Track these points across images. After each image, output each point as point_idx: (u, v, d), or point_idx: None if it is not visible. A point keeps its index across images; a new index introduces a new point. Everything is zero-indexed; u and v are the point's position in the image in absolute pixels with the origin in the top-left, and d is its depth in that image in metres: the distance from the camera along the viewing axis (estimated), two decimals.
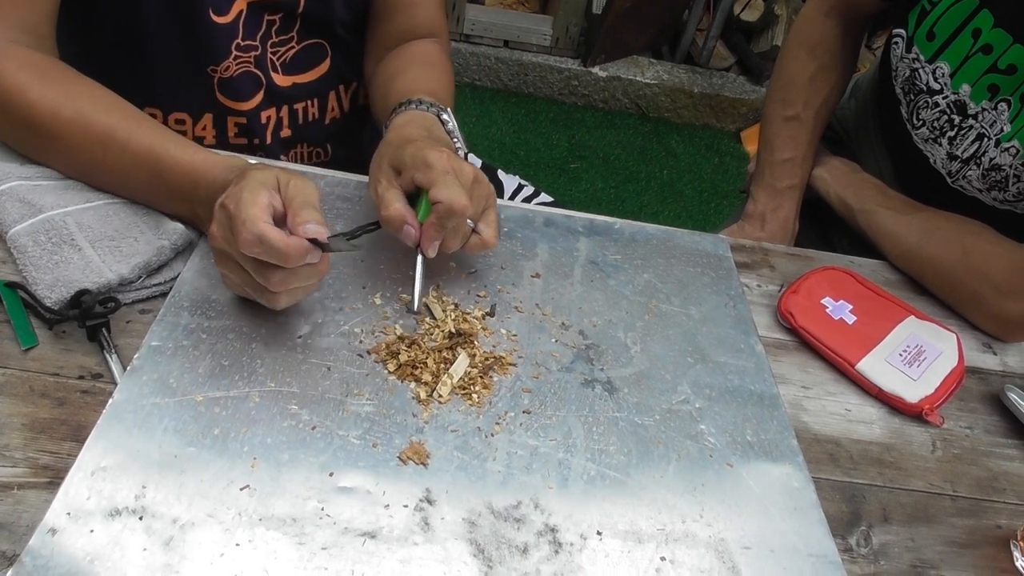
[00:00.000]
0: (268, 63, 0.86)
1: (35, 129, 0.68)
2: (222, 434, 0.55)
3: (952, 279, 0.84)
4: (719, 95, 2.73)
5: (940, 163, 0.92)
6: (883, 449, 0.68)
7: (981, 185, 0.88)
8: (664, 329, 0.72)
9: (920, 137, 0.93)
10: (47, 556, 0.47)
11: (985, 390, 0.76)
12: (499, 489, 0.56)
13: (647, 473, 0.59)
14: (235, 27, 0.82)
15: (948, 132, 0.89)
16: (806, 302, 0.78)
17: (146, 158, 0.66)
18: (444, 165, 0.64)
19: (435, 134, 0.74)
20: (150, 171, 0.66)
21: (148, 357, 0.59)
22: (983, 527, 0.64)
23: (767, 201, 1.01)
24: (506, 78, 2.71)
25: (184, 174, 0.65)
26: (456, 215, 0.63)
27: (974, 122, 0.86)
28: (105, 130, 0.67)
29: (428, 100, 0.77)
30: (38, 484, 0.52)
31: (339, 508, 0.53)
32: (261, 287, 0.58)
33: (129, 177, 0.68)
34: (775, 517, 0.58)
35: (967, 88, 0.85)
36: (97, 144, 0.67)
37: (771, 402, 0.67)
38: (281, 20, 0.85)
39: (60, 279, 0.62)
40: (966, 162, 0.88)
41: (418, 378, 0.62)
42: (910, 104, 0.93)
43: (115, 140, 0.66)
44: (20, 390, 0.58)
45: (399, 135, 0.72)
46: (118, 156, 0.67)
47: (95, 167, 0.69)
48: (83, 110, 0.67)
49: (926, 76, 0.89)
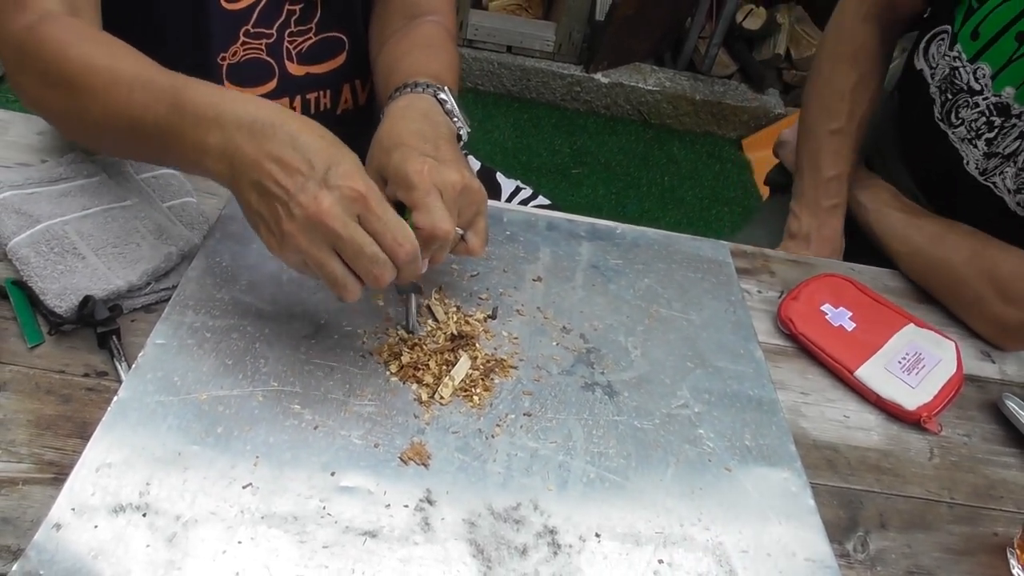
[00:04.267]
0: (284, 52, 0.87)
1: (69, 83, 0.65)
2: (225, 432, 0.56)
3: (956, 280, 0.84)
4: (721, 102, 2.74)
5: (974, 163, 0.90)
6: (881, 456, 0.69)
7: (1012, 185, 0.88)
8: (664, 334, 0.73)
9: (957, 136, 0.91)
10: (52, 551, 0.47)
11: (983, 398, 0.77)
12: (499, 490, 0.56)
13: (646, 476, 0.60)
14: (247, 14, 0.83)
15: (986, 134, 0.87)
16: (806, 308, 0.79)
17: (165, 94, 0.61)
18: (425, 184, 0.60)
19: (432, 119, 0.70)
20: (170, 105, 0.61)
21: (153, 355, 0.60)
22: (980, 534, 0.64)
23: (811, 220, 0.99)
24: (509, 83, 2.72)
25: (202, 106, 0.60)
26: (439, 240, 0.60)
27: (1017, 121, 0.84)
28: (133, 73, 0.63)
29: (424, 81, 0.74)
30: (43, 480, 0.53)
31: (340, 507, 0.53)
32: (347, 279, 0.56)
33: (148, 112, 0.62)
34: (772, 522, 0.58)
35: (1010, 91, 0.84)
36: (124, 85, 0.63)
37: (770, 407, 0.68)
38: (302, 10, 0.85)
39: (68, 287, 0.62)
40: (1007, 158, 0.86)
41: (420, 380, 0.63)
42: (946, 104, 0.91)
43: (139, 80, 0.63)
44: (26, 387, 0.58)
45: (390, 132, 0.68)
46: (141, 94, 0.62)
47: (120, 109, 0.64)
48: (116, 59, 0.65)
49: (967, 76, 0.87)
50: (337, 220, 0.53)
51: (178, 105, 0.60)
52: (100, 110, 0.65)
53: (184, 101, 0.59)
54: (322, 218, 0.52)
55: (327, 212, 0.52)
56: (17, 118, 0.82)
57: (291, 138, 0.55)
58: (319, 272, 0.55)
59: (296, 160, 0.54)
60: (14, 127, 0.81)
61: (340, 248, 0.54)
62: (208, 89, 0.60)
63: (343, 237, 0.53)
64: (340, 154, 0.55)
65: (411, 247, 0.55)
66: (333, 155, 0.55)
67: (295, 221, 0.53)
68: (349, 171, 0.54)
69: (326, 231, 0.53)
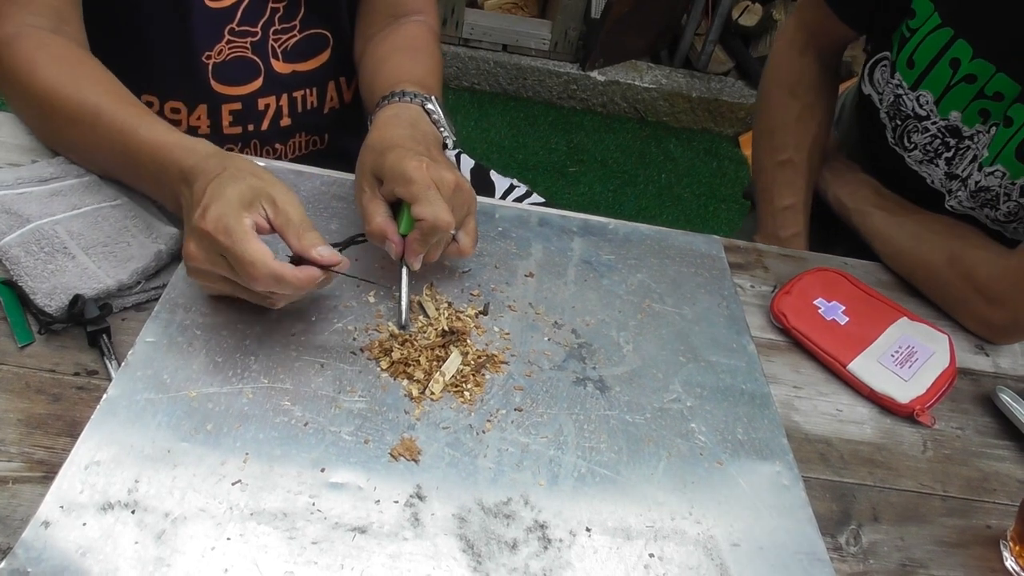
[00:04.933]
0: (269, 50, 0.87)
1: (38, 105, 0.71)
2: (215, 429, 0.56)
3: (940, 282, 0.84)
4: (717, 99, 2.74)
5: (938, 182, 0.91)
6: (874, 449, 0.69)
7: (972, 204, 0.89)
8: (657, 328, 0.73)
9: (914, 159, 0.93)
10: (40, 548, 0.47)
11: (977, 391, 0.77)
12: (489, 486, 0.56)
13: (637, 471, 0.60)
14: (231, 12, 0.83)
15: (944, 153, 0.88)
16: (799, 303, 0.79)
17: (119, 136, 0.67)
18: (424, 178, 0.63)
19: (420, 129, 0.73)
20: (123, 149, 0.67)
21: (142, 353, 0.60)
22: (973, 527, 0.64)
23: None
24: (505, 82, 2.72)
25: (149, 155, 0.66)
26: (440, 232, 0.63)
27: (970, 143, 0.86)
28: (94, 108, 0.68)
29: (412, 91, 0.76)
30: (33, 478, 0.53)
31: (330, 503, 0.53)
32: (258, 297, 0.60)
33: (108, 154, 0.69)
34: (764, 515, 0.58)
35: (957, 115, 0.85)
36: (85, 120, 0.69)
37: (762, 401, 0.68)
38: (285, 8, 0.86)
39: (58, 287, 0.62)
40: (964, 181, 0.88)
41: (411, 375, 0.63)
42: (896, 129, 0.93)
43: (100, 118, 0.68)
44: (16, 386, 0.58)
45: (381, 137, 0.70)
46: (101, 134, 0.68)
47: (82, 143, 0.71)
48: (80, 89, 0.69)
49: (911, 103, 0.88)
50: (196, 260, 0.58)
51: (129, 150, 0.67)
52: (69, 136, 0.72)
53: (135, 145, 0.66)
54: (189, 262, 0.59)
55: (190, 254, 0.58)
56: (7, 118, 0.82)
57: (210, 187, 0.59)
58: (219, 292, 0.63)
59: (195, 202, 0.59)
60: (4, 127, 0.81)
61: (209, 275, 0.60)
62: (157, 132, 0.66)
63: (202, 270, 0.59)
64: (213, 194, 0.58)
65: (264, 276, 0.56)
66: (209, 195, 0.58)
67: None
68: (217, 217, 0.56)
69: (192, 270, 0.60)
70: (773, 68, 1.05)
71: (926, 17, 0.84)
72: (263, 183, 0.59)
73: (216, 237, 0.55)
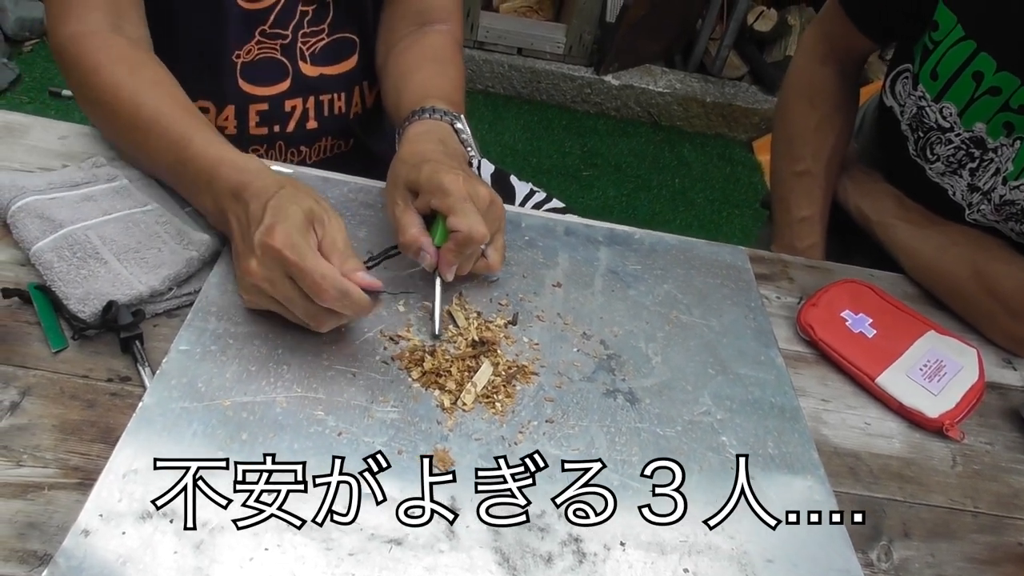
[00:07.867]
0: (297, 52, 0.88)
1: (100, 107, 0.73)
2: (250, 439, 0.56)
3: (966, 296, 0.84)
4: (731, 104, 2.73)
5: (960, 195, 0.90)
6: (903, 464, 0.68)
7: (996, 217, 0.88)
8: (685, 340, 0.73)
9: (935, 171, 0.92)
10: (80, 557, 0.47)
11: (1005, 406, 0.76)
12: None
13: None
14: (264, 15, 0.84)
15: (969, 164, 0.88)
16: (826, 315, 0.79)
17: (175, 145, 0.68)
18: (461, 191, 0.64)
19: (450, 146, 0.74)
20: (176, 158, 0.68)
21: (177, 361, 0.60)
22: (1005, 544, 0.64)
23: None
24: (519, 85, 2.72)
25: (201, 167, 0.66)
26: (475, 243, 0.64)
27: (994, 155, 0.85)
28: (152, 114, 0.69)
29: (442, 108, 0.77)
30: (68, 485, 0.53)
31: (366, 515, 0.53)
32: (305, 317, 0.60)
33: (162, 160, 0.70)
34: (798, 531, 0.58)
35: (981, 126, 0.84)
36: (142, 126, 0.70)
37: (792, 415, 0.68)
38: (314, 11, 0.86)
39: (91, 292, 0.62)
40: (986, 194, 0.87)
41: (442, 386, 0.63)
42: (919, 141, 0.92)
43: (157, 124, 0.69)
44: (50, 392, 0.58)
45: (413, 151, 0.71)
46: (156, 140, 0.69)
47: (138, 148, 0.72)
48: (138, 93, 0.70)
49: (934, 115, 0.88)
50: (255, 277, 0.59)
51: (182, 160, 0.67)
52: (127, 139, 0.73)
53: (187, 158, 0.67)
54: (248, 278, 0.60)
55: (250, 271, 0.59)
56: (37, 122, 0.82)
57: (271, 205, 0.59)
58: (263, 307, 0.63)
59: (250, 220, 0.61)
60: (34, 131, 0.81)
61: (264, 296, 0.60)
62: (210, 146, 0.67)
63: (260, 288, 0.59)
64: (277, 213, 0.59)
65: (334, 291, 0.57)
66: (272, 214, 0.59)
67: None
68: (284, 234, 0.57)
69: (248, 286, 0.61)
70: (793, 78, 1.05)
71: (949, 29, 0.83)
72: (318, 206, 0.60)
73: (284, 253, 0.56)
